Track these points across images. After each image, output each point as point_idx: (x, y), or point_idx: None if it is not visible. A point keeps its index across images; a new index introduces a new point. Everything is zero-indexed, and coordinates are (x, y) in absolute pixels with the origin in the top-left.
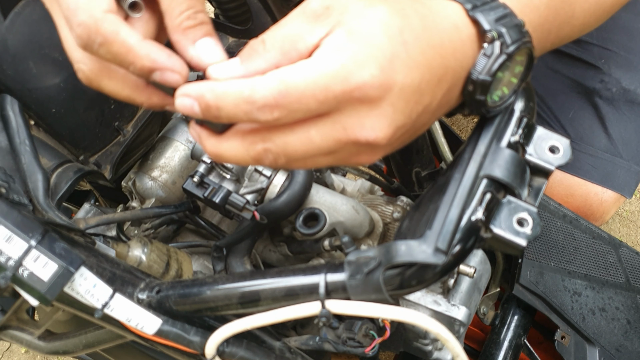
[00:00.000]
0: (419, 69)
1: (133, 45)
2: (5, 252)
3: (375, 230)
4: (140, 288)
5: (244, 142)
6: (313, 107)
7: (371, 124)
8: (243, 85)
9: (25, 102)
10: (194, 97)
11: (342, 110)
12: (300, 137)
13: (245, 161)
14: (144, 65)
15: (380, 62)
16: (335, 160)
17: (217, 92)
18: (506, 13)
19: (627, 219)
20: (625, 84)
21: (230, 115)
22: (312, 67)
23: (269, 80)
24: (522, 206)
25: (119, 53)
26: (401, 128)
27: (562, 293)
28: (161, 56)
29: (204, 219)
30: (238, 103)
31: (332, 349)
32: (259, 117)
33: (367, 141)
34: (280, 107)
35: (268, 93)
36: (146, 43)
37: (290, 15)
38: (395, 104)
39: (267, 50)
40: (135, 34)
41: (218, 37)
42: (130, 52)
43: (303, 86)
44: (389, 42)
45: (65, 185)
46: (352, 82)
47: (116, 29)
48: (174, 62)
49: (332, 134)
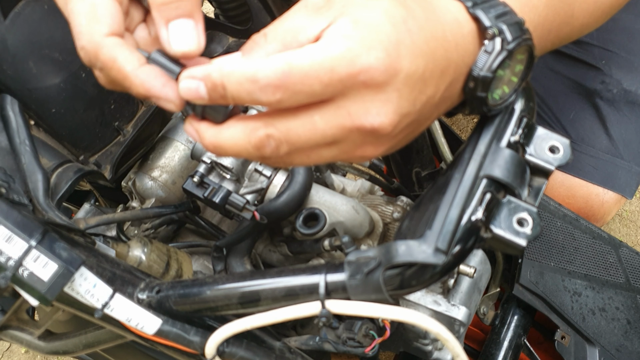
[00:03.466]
0: (424, 58)
1: (129, 72)
2: (5, 252)
3: (375, 230)
4: (140, 288)
5: (245, 128)
6: (317, 89)
7: (376, 110)
8: (248, 65)
9: (25, 102)
10: (200, 78)
11: (347, 95)
12: (304, 122)
13: (246, 150)
14: (139, 92)
15: (386, 47)
16: (339, 153)
17: (224, 71)
18: (506, 11)
19: (627, 219)
20: (626, 85)
21: (234, 95)
22: (317, 49)
23: (274, 61)
24: (522, 206)
25: (117, 78)
26: (406, 117)
27: (562, 293)
28: (155, 85)
29: (204, 219)
30: (241, 81)
31: (332, 349)
32: (262, 97)
33: (372, 127)
34: (283, 87)
35: (271, 73)
36: (142, 70)
37: (292, 10)
38: (400, 90)
39: (268, 43)
40: (132, 61)
41: (201, 18)
42: (127, 79)
43: (307, 67)
44: (394, 29)
45: (65, 185)
46: (357, 65)
47: (113, 57)
48: (167, 92)
49: (337, 119)
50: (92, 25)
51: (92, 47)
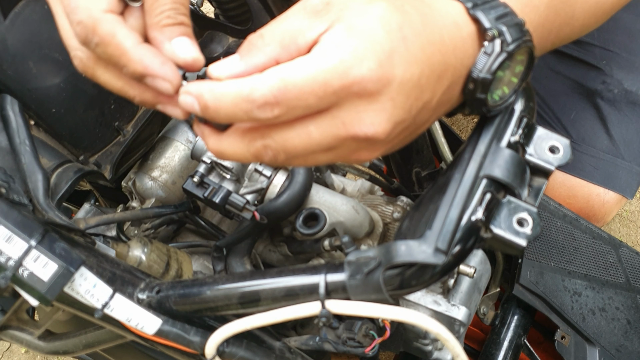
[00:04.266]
0: (419, 65)
1: (128, 48)
2: (5, 252)
3: (375, 230)
4: (140, 288)
5: (243, 139)
6: (312, 103)
7: (370, 119)
8: (242, 85)
9: (25, 102)
10: (194, 96)
11: (341, 106)
12: (300, 133)
13: (246, 158)
14: (136, 69)
15: (379, 57)
16: (335, 157)
17: (216, 92)
18: (506, 12)
19: (627, 219)
20: (627, 85)
21: (230, 115)
22: (310, 63)
23: (268, 79)
24: (522, 206)
25: (113, 54)
26: (400, 124)
27: (562, 293)
28: (154, 63)
29: (204, 219)
30: (238, 102)
31: (332, 349)
32: (259, 115)
33: (366, 136)
34: (280, 104)
35: (267, 91)
36: (141, 47)
37: (290, 11)
38: (394, 99)
39: (266, 44)
40: (132, 37)
41: (196, 40)
42: (125, 55)
43: (302, 83)
44: (387, 37)
45: (65, 185)
46: (350, 77)
47: (112, 31)
48: (166, 70)
49: (331, 129)
50: (91, 1)
51: (90, 21)
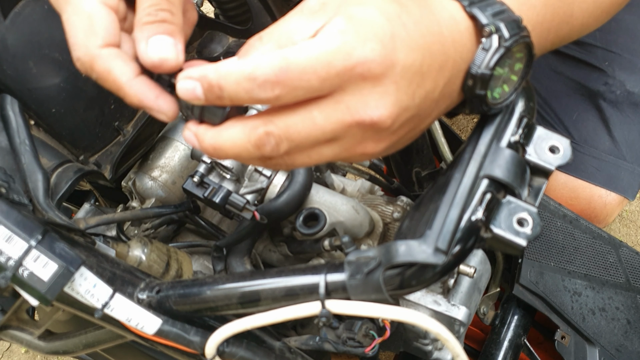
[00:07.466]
0: (420, 51)
1: (123, 84)
2: (5, 252)
3: (375, 230)
4: (140, 288)
5: (244, 127)
6: (315, 84)
7: (375, 102)
8: (245, 64)
9: (25, 102)
10: (196, 79)
11: (345, 89)
12: (303, 118)
13: (246, 149)
14: (132, 102)
15: (382, 39)
16: (340, 150)
17: (221, 71)
18: (503, 9)
19: (627, 219)
20: (629, 86)
21: (232, 95)
22: (313, 45)
23: (270, 57)
24: (522, 206)
25: (112, 88)
26: (405, 110)
27: (562, 293)
28: (149, 96)
29: (204, 219)
30: (239, 81)
31: (332, 349)
32: (260, 94)
33: (371, 120)
34: (281, 83)
35: (269, 69)
36: (137, 82)
37: (289, 14)
38: (398, 82)
39: (263, 44)
40: (127, 72)
41: (182, 40)
42: (121, 89)
43: (304, 62)
44: (388, 23)
45: (65, 185)
46: (354, 58)
47: (108, 68)
48: (160, 103)
49: (336, 114)
50: (88, 37)
51: (87, 59)
